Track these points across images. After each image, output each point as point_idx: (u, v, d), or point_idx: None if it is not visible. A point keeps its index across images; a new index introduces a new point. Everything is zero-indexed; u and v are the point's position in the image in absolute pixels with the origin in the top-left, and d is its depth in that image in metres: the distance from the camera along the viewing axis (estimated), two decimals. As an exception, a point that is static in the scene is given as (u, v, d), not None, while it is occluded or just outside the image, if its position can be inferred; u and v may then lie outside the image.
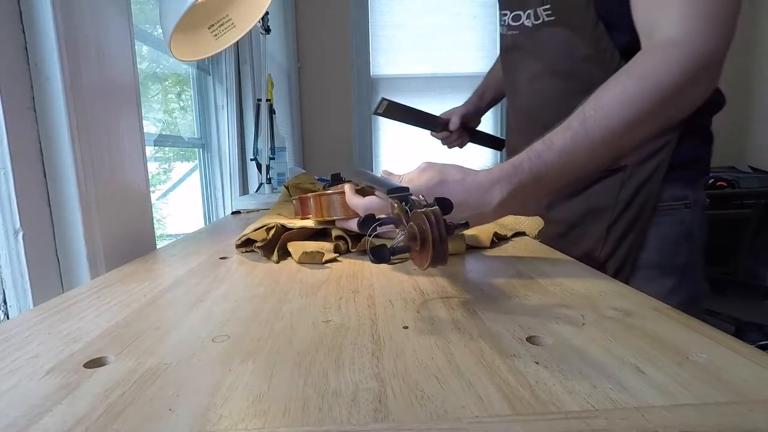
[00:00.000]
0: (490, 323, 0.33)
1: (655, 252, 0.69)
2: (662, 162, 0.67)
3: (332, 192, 0.56)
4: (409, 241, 0.34)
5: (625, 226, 0.69)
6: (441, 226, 0.31)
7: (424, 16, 2.47)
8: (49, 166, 0.51)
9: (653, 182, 0.67)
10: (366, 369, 0.26)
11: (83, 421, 0.22)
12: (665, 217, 0.68)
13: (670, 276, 0.69)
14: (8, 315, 0.50)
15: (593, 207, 0.71)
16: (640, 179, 0.68)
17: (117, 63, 0.61)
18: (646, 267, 0.69)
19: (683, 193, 0.69)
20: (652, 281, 0.68)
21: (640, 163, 0.68)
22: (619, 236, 0.69)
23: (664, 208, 0.68)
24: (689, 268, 0.70)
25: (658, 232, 0.69)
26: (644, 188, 0.68)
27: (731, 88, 2.75)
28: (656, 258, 0.69)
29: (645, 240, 0.69)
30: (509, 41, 0.79)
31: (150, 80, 1.27)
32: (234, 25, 0.78)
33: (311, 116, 2.52)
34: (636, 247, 0.69)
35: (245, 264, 0.52)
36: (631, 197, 0.68)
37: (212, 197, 1.44)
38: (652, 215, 0.68)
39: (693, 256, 0.70)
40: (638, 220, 0.68)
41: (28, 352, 0.30)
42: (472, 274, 0.46)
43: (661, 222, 0.68)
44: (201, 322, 0.34)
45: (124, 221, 0.61)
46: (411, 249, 0.34)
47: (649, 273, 0.69)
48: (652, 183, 0.67)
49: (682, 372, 0.25)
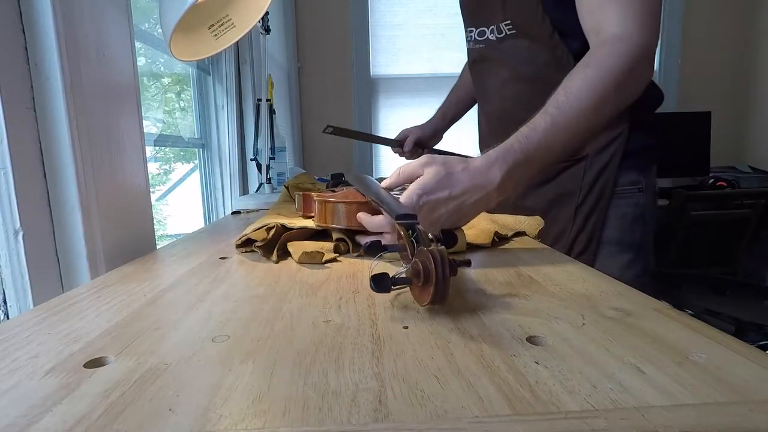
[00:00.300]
0: (490, 323, 0.33)
1: (615, 230, 0.80)
2: (617, 150, 0.78)
3: (337, 201, 0.55)
4: (412, 275, 0.34)
5: (589, 207, 0.80)
6: (446, 267, 0.31)
7: (424, 16, 2.47)
8: (49, 166, 0.51)
9: (610, 168, 0.79)
10: (366, 369, 0.26)
11: (83, 421, 0.22)
12: (622, 200, 0.79)
13: (628, 252, 0.80)
14: (8, 315, 0.50)
15: (562, 192, 0.82)
16: (599, 166, 0.79)
17: (117, 63, 0.61)
18: (608, 243, 0.80)
19: (637, 178, 0.80)
20: (612, 256, 0.79)
21: (599, 152, 0.79)
22: (585, 216, 0.80)
23: (620, 192, 0.79)
24: (643, 245, 0.81)
25: (617, 213, 0.79)
26: (603, 174, 0.79)
27: (731, 89, 2.77)
28: (616, 235, 0.80)
29: (606, 220, 0.80)
30: (477, 54, 0.90)
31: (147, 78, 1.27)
32: (234, 25, 0.78)
33: (311, 116, 2.52)
34: (599, 226, 0.80)
35: (245, 264, 0.52)
36: (593, 181, 0.79)
37: (212, 197, 1.44)
38: (611, 198, 0.79)
39: (646, 235, 0.81)
40: (600, 202, 0.80)
41: (28, 352, 0.30)
42: (473, 274, 0.46)
43: (619, 204, 0.79)
44: (201, 322, 0.34)
45: (124, 221, 0.61)
46: (412, 283, 0.34)
47: (610, 249, 0.80)
48: (610, 169, 0.79)
49: (682, 372, 0.25)
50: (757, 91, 2.58)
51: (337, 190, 0.72)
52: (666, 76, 2.56)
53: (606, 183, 0.79)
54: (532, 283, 0.42)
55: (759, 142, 2.58)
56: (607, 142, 0.78)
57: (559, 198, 0.83)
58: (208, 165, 1.43)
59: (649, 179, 0.81)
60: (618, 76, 0.60)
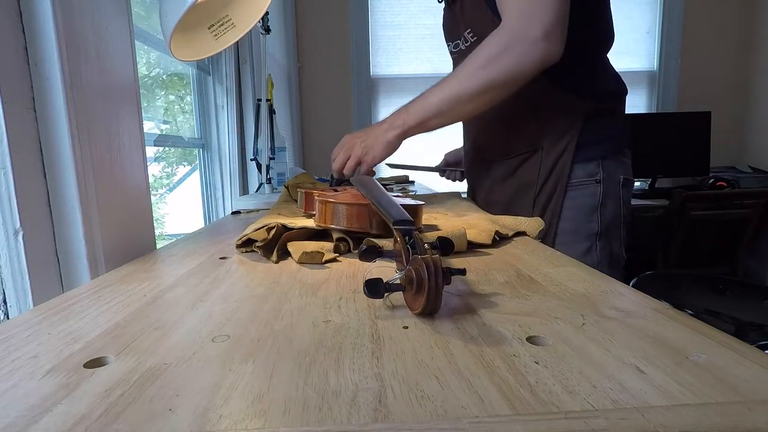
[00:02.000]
0: (490, 323, 0.33)
1: (570, 221, 0.84)
2: (570, 142, 0.82)
3: (338, 201, 0.55)
4: (406, 283, 0.34)
5: (546, 197, 0.85)
6: (439, 277, 0.31)
7: (424, 16, 2.47)
8: (49, 166, 0.51)
9: (564, 159, 0.83)
10: (366, 369, 0.26)
11: (83, 421, 0.22)
12: (577, 191, 0.83)
13: (584, 241, 0.84)
14: (8, 315, 0.50)
15: (522, 183, 0.87)
16: (554, 157, 0.83)
17: (117, 63, 0.61)
18: (564, 233, 0.84)
19: (594, 170, 0.83)
20: (568, 245, 0.83)
21: (553, 143, 0.84)
22: (542, 206, 0.85)
23: (575, 183, 0.83)
24: (602, 234, 0.84)
25: (572, 204, 0.84)
26: (557, 165, 0.83)
27: (731, 89, 2.77)
28: (571, 225, 0.84)
29: (562, 210, 0.84)
30: (454, 64, 0.97)
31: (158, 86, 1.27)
32: (234, 25, 0.78)
33: (311, 116, 2.52)
34: (556, 216, 0.84)
35: (245, 264, 0.52)
36: (548, 172, 0.84)
37: (212, 197, 1.44)
38: (565, 189, 0.83)
39: (606, 225, 0.84)
40: (555, 193, 0.84)
41: (28, 352, 0.30)
42: (473, 274, 0.46)
43: (574, 195, 0.83)
44: (201, 322, 0.34)
45: (124, 221, 0.61)
46: (405, 290, 0.34)
47: (566, 238, 0.84)
48: (563, 160, 0.83)
49: (682, 372, 0.25)
50: (757, 91, 2.58)
51: (340, 189, 0.72)
52: (666, 76, 2.56)
53: (561, 174, 0.83)
54: (532, 283, 0.42)
55: (759, 142, 2.58)
56: (561, 133, 0.83)
57: (519, 189, 0.88)
58: (208, 165, 1.43)
59: (611, 170, 0.84)
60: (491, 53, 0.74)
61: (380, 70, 2.53)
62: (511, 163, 0.89)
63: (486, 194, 0.94)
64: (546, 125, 0.84)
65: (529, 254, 0.54)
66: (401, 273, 0.35)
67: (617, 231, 0.87)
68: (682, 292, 1.40)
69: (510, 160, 0.89)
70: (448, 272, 0.33)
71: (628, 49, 2.54)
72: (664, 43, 2.53)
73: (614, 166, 0.85)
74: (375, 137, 0.82)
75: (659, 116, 2.51)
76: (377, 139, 0.82)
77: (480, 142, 0.97)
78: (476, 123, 0.95)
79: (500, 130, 0.90)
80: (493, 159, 0.93)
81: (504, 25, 0.74)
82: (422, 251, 0.35)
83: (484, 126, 0.93)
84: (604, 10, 0.84)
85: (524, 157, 0.87)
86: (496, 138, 0.91)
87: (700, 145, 2.36)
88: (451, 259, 0.52)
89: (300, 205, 0.74)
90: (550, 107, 0.83)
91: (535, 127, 0.85)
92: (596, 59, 0.85)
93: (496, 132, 0.91)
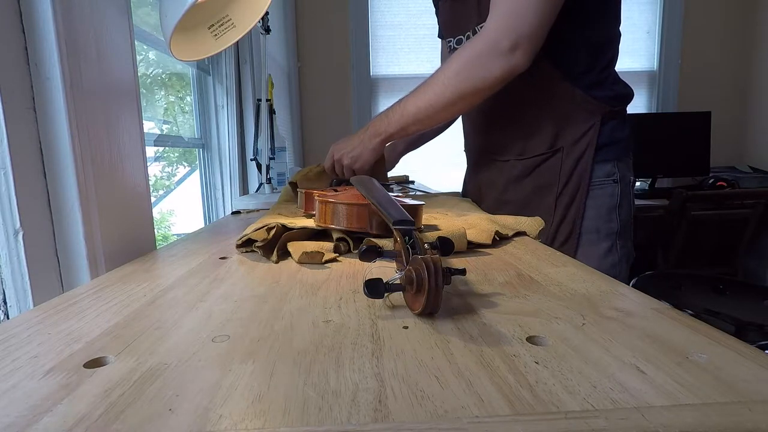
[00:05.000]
0: (490, 323, 0.33)
1: (593, 220, 0.85)
2: (590, 142, 0.84)
3: (338, 201, 0.55)
4: (406, 283, 0.34)
5: (569, 197, 0.85)
6: (439, 277, 0.31)
7: (424, 16, 2.47)
8: (49, 166, 0.51)
9: (585, 159, 0.84)
10: (366, 369, 0.26)
11: (83, 421, 0.22)
12: (598, 190, 0.85)
13: (606, 240, 0.85)
14: (8, 315, 0.50)
15: (541, 184, 0.88)
16: (575, 157, 0.85)
17: (117, 63, 0.61)
18: (587, 232, 0.85)
19: (611, 170, 0.85)
20: (593, 244, 0.85)
21: (573, 144, 0.85)
22: (565, 206, 0.85)
23: (596, 182, 0.84)
24: (620, 233, 0.86)
25: (594, 203, 0.85)
26: (579, 164, 0.84)
27: (731, 89, 2.77)
28: (594, 224, 0.85)
29: (585, 209, 0.85)
30: None
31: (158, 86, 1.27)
32: (234, 25, 0.78)
33: (311, 116, 2.52)
34: (579, 215, 0.85)
35: (245, 264, 0.52)
36: (570, 172, 0.85)
37: (212, 197, 1.44)
38: (588, 188, 0.84)
39: (622, 224, 0.86)
40: (578, 192, 0.85)
41: (28, 352, 0.30)
42: (473, 274, 0.46)
43: (596, 194, 0.85)
44: (201, 322, 0.34)
45: (124, 221, 0.61)
46: (405, 290, 0.34)
47: (590, 237, 0.85)
48: (585, 159, 0.84)
49: (682, 372, 0.25)
50: (757, 91, 2.58)
51: (340, 189, 0.72)
52: (666, 76, 2.56)
53: (583, 173, 0.84)
54: (532, 283, 0.42)
55: (759, 142, 2.58)
56: (581, 134, 0.84)
57: (538, 190, 0.88)
58: (208, 165, 1.43)
59: (623, 171, 0.86)
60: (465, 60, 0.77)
61: (380, 70, 2.53)
62: (527, 164, 0.89)
63: (499, 193, 0.94)
64: (565, 127, 0.85)
65: (529, 254, 0.54)
66: (401, 273, 0.35)
67: (631, 230, 0.89)
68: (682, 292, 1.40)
69: (525, 161, 0.89)
70: (448, 272, 0.33)
71: (628, 49, 2.54)
72: (664, 43, 2.53)
73: (625, 168, 0.87)
74: (362, 146, 0.89)
75: (659, 116, 2.51)
76: (364, 147, 0.89)
77: (492, 142, 0.96)
78: (486, 122, 0.96)
79: (514, 130, 0.90)
80: (507, 159, 0.92)
81: (482, 31, 0.76)
82: (422, 251, 0.35)
83: (495, 126, 0.94)
84: (619, 13, 0.85)
85: (543, 157, 0.87)
86: (510, 138, 0.91)
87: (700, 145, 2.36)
88: (451, 259, 0.52)
89: (300, 205, 0.74)
90: (569, 109, 0.84)
91: (553, 129, 0.85)
92: (612, 62, 0.86)
93: (509, 132, 0.91)
